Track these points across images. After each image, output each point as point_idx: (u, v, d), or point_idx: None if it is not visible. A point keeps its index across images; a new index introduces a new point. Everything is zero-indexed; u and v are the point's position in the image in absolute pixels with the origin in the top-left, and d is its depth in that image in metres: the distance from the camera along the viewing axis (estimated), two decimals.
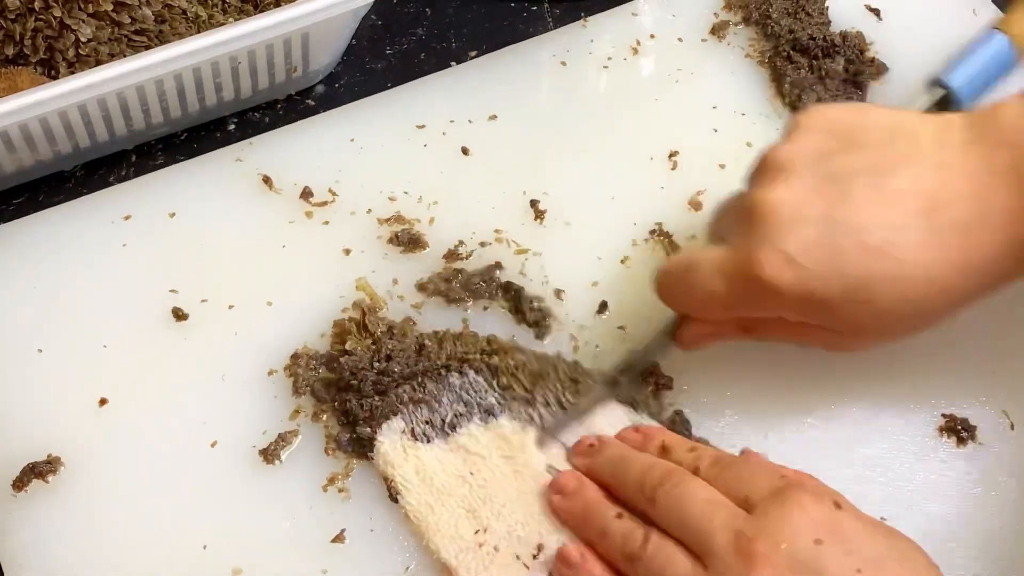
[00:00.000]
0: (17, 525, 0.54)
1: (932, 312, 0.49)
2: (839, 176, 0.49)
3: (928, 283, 0.47)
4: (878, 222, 0.47)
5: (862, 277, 0.47)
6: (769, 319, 0.52)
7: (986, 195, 0.47)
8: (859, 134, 0.50)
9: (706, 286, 0.51)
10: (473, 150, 0.67)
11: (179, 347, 0.59)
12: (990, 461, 0.56)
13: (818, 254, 0.47)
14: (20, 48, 0.64)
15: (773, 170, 0.50)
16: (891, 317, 0.49)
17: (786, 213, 0.48)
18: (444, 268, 0.62)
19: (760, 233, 0.49)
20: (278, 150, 0.67)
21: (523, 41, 0.73)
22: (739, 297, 0.50)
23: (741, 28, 0.73)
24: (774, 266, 0.48)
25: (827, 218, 0.48)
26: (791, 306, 0.49)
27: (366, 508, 0.54)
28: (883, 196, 0.48)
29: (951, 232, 0.47)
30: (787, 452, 0.56)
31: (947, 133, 0.49)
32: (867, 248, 0.47)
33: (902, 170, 0.48)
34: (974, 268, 0.48)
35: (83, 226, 0.63)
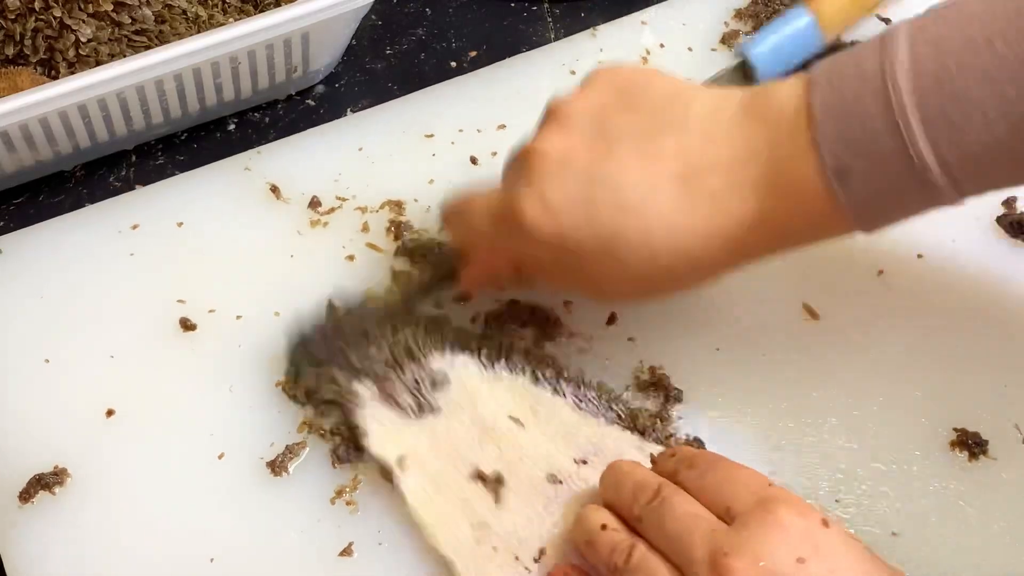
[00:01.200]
0: (23, 537, 0.54)
1: (679, 275, 0.50)
2: (610, 133, 0.50)
3: (674, 246, 0.48)
4: (634, 181, 0.48)
5: (611, 231, 0.48)
6: (535, 264, 0.54)
7: (740, 168, 0.48)
8: (640, 97, 0.51)
9: (477, 223, 0.54)
10: (482, 159, 0.67)
11: (186, 358, 0.59)
12: (1002, 476, 0.56)
13: (574, 204, 0.49)
14: (20, 48, 0.64)
15: (554, 120, 0.52)
16: (637, 274, 0.50)
17: (553, 162, 0.50)
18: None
19: (526, 178, 0.50)
20: (286, 159, 0.66)
21: (530, 49, 0.73)
22: (502, 237, 0.52)
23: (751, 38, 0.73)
24: (532, 211, 0.49)
25: (589, 172, 0.49)
26: (546, 251, 0.50)
27: (374, 521, 0.54)
28: (644, 157, 0.49)
29: (702, 199, 0.48)
30: (798, 466, 0.56)
31: (721, 105, 0.50)
32: (619, 205, 0.48)
33: (668, 135, 0.49)
34: (719, 236, 0.48)
35: (90, 235, 0.63)
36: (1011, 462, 0.56)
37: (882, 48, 0.46)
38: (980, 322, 0.60)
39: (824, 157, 0.46)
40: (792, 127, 0.47)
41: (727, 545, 0.44)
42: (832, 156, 0.46)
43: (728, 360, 0.59)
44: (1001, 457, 0.56)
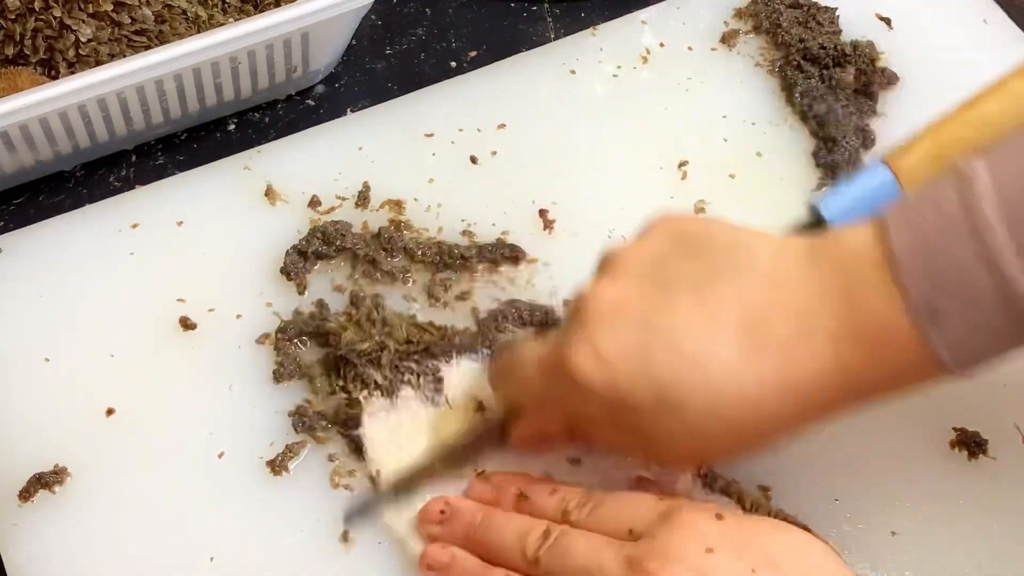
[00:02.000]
0: (23, 536, 0.54)
1: (746, 432, 0.46)
2: (667, 281, 0.47)
3: (739, 399, 0.45)
4: (694, 330, 0.45)
5: (671, 384, 0.45)
6: (590, 423, 0.50)
7: (811, 316, 0.44)
8: (700, 243, 0.48)
9: (526, 377, 0.51)
10: (482, 159, 0.67)
11: (186, 357, 0.59)
12: (1001, 475, 0.56)
13: (629, 355, 0.46)
14: (20, 48, 0.64)
15: (609, 267, 0.49)
16: (701, 431, 0.46)
17: (606, 310, 0.47)
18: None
19: (578, 327, 0.47)
20: (286, 158, 0.66)
21: (530, 49, 0.73)
22: (553, 391, 0.49)
23: (751, 37, 0.73)
24: (584, 362, 0.46)
25: (645, 320, 0.46)
26: (601, 407, 0.47)
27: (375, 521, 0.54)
28: (704, 306, 0.45)
29: (769, 349, 0.44)
30: (795, 468, 0.56)
31: (786, 251, 0.47)
32: (679, 355, 0.45)
33: (729, 282, 0.46)
34: (790, 389, 0.45)
35: (90, 235, 0.63)
36: (1011, 462, 0.56)
37: (960, 183, 0.43)
38: None
39: (911, 296, 0.42)
40: (868, 269, 0.44)
41: (641, 555, 0.45)
42: (919, 295, 0.42)
43: None
44: (1001, 456, 0.56)
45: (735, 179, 0.66)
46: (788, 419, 0.46)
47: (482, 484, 0.53)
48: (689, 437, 0.46)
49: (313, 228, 0.63)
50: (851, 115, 0.68)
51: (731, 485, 0.54)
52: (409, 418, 0.56)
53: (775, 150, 0.68)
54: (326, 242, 0.62)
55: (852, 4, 0.73)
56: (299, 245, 0.62)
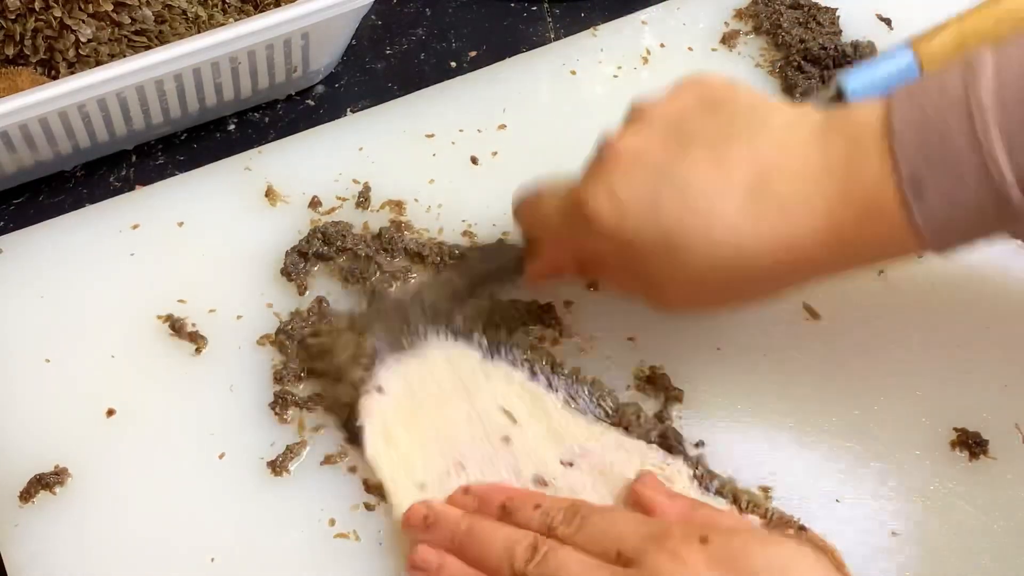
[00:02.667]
0: (24, 536, 0.54)
1: (739, 283, 0.50)
2: (686, 135, 0.50)
3: (736, 250, 0.48)
4: (702, 182, 0.48)
5: (674, 230, 0.48)
6: (600, 262, 0.53)
7: (813, 179, 0.48)
8: (721, 104, 0.51)
9: (545, 211, 0.55)
10: (482, 159, 0.67)
11: (187, 357, 0.59)
12: (1002, 475, 0.56)
13: (640, 200, 0.49)
14: (20, 48, 0.64)
15: (634, 119, 0.52)
16: (699, 278, 0.49)
17: (626, 157, 0.50)
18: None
19: (598, 169, 0.51)
20: (286, 159, 0.66)
21: (530, 49, 0.73)
22: (568, 229, 0.53)
23: (752, 38, 0.73)
24: (598, 201, 0.50)
25: (660, 169, 0.49)
26: (609, 246, 0.50)
27: (375, 520, 0.54)
28: (716, 161, 0.49)
29: (770, 207, 0.48)
30: (798, 467, 0.56)
31: (800, 119, 0.50)
32: (685, 204, 0.48)
33: (743, 142, 0.49)
34: (785, 247, 0.48)
35: (91, 235, 0.63)
36: (1011, 462, 0.56)
37: (966, 69, 0.46)
38: (980, 322, 0.60)
39: (900, 168, 0.46)
40: (870, 140, 0.47)
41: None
42: (909, 167, 0.46)
43: (729, 360, 0.59)
44: (1001, 457, 0.56)
45: None
46: (780, 275, 0.49)
47: (464, 496, 0.53)
48: (687, 283, 0.50)
49: (314, 229, 0.63)
50: None
51: (726, 485, 0.54)
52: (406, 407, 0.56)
53: None
54: (327, 243, 0.62)
55: (852, 5, 0.73)
56: (299, 246, 0.62)
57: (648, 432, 0.56)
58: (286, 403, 0.57)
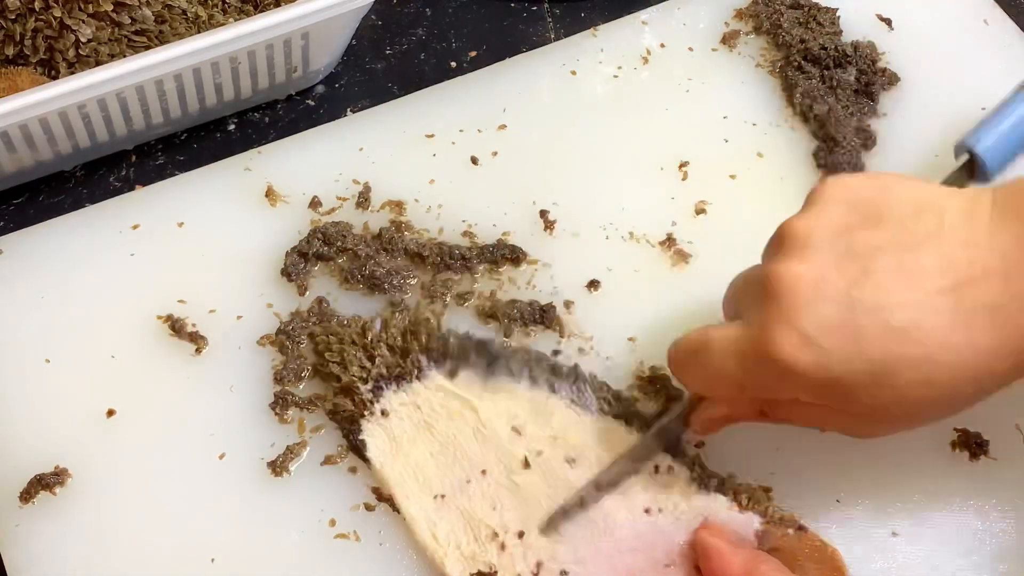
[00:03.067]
0: (24, 537, 0.54)
1: (960, 397, 0.46)
2: (861, 253, 0.46)
3: (955, 367, 0.45)
4: (901, 302, 0.45)
5: (885, 360, 0.44)
6: (787, 402, 0.49)
7: (1016, 274, 0.44)
8: (882, 208, 0.47)
9: (720, 366, 0.49)
10: (482, 160, 0.67)
11: (187, 358, 0.59)
12: (1003, 476, 0.56)
13: (838, 335, 0.45)
14: (20, 48, 0.64)
15: (791, 244, 0.48)
16: (916, 402, 0.46)
17: (804, 290, 0.46)
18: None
19: (776, 311, 0.46)
20: (287, 159, 0.66)
21: (530, 49, 0.73)
22: (754, 378, 0.48)
23: (752, 37, 0.73)
24: (791, 347, 0.45)
25: (847, 296, 0.45)
26: (809, 389, 0.46)
27: (376, 521, 0.54)
28: (907, 274, 0.45)
29: (980, 313, 0.44)
30: (800, 469, 0.56)
31: (975, 208, 0.46)
32: (890, 329, 0.44)
33: (927, 247, 0.45)
34: (1005, 351, 0.45)
35: (91, 235, 0.63)
36: (1012, 462, 0.56)
37: None
38: None
39: None
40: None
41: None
42: None
43: None
44: (1002, 457, 0.56)
45: (736, 180, 0.66)
46: (1002, 377, 0.46)
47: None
48: (901, 407, 0.46)
49: (314, 229, 0.63)
50: (852, 115, 0.68)
51: (725, 483, 0.54)
52: (408, 420, 0.56)
53: (776, 151, 0.68)
54: (327, 243, 0.62)
55: (853, 5, 0.73)
56: (300, 246, 0.62)
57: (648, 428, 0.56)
58: (286, 403, 0.57)
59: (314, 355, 0.59)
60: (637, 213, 0.65)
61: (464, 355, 0.58)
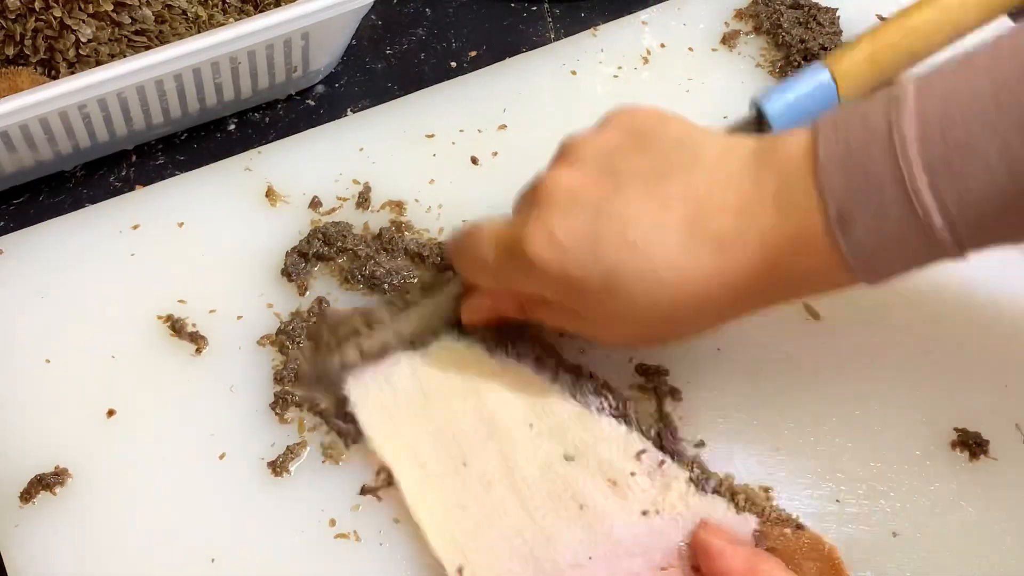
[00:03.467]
0: (24, 537, 0.54)
1: (681, 317, 0.50)
2: (620, 172, 0.50)
3: (677, 286, 0.48)
4: (641, 219, 0.48)
5: (615, 267, 0.48)
6: (540, 302, 0.53)
7: (748, 214, 0.48)
8: (651, 138, 0.51)
9: (481, 254, 0.54)
10: (482, 160, 0.67)
11: (187, 358, 0.59)
12: (1002, 475, 0.56)
13: (580, 239, 0.49)
14: (20, 48, 0.64)
15: (565, 156, 0.52)
16: (641, 313, 0.49)
17: (562, 196, 0.50)
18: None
19: (535, 211, 0.50)
20: (286, 159, 0.66)
21: (530, 49, 0.73)
22: (505, 269, 0.52)
23: (752, 37, 0.73)
24: (537, 243, 0.49)
25: (597, 207, 0.49)
26: (550, 285, 0.50)
27: (375, 521, 0.54)
28: (653, 197, 0.49)
29: (708, 242, 0.48)
30: (796, 467, 0.56)
31: (731, 151, 0.50)
32: (625, 241, 0.48)
33: (676, 177, 0.49)
34: (724, 281, 0.48)
35: (91, 236, 0.63)
36: (1012, 462, 0.56)
37: (889, 100, 0.45)
38: (980, 322, 0.60)
39: (827, 203, 0.46)
40: (798, 175, 0.47)
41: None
42: (835, 203, 0.45)
43: (728, 360, 0.59)
44: (1001, 457, 0.56)
45: None
46: (720, 308, 0.50)
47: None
48: (630, 319, 0.50)
49: (314, 229, 0.63)
50: None
51: (722, 483, 0.54)
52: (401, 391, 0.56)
53: None
54: (327, 243, 0.62)
55: (853, 4, 0.73)
56: (300, 246, 0.62)
57: (648, 428, 0.56)
58: (286, 403, 0.57)
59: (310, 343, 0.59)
60: None
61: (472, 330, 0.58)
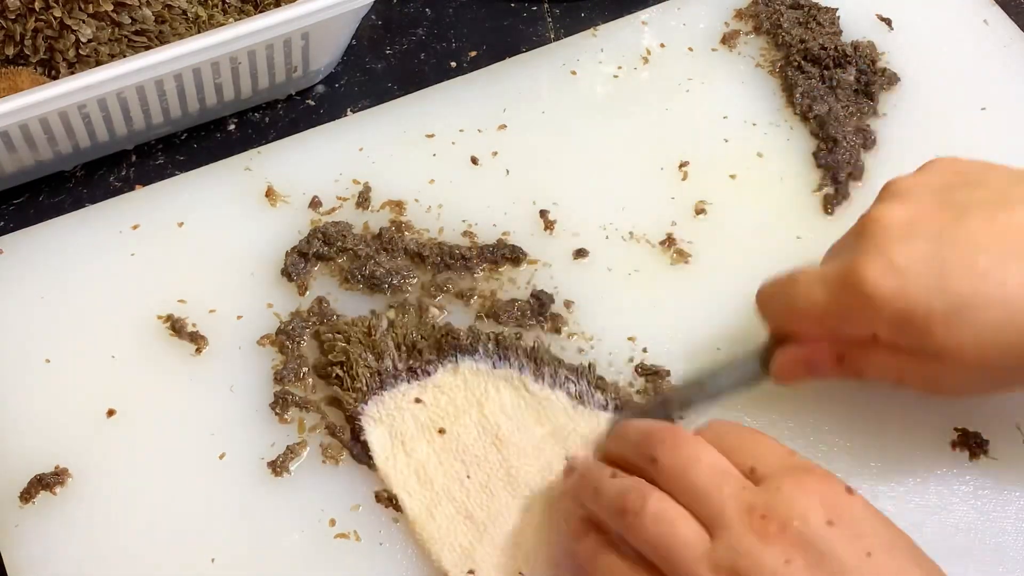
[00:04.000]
0: (24, 537, 0.54)
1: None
2: (958, 204, 0.49)
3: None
4: (988, 246, 0.47)
5: (965, 295, 0.46)
6: (865, 348, 0.50)
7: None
8: (982, 177, 0.50)
9: (805, 295, 0.51)
10: (482, 160, 0.67)
11: (187, 358, 0.59)
12: (1002, 475, 0.56)
13: (923, 267, 0.47)
14: (20, 48, 0.64)
15: (892, 194, 0.51)
16: (992, 344, 0.47)
17: (898, 227, 0.48)
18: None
19: (869, 244, 0.49)
20: (287, 159, 0.66)
21: (530, 49, 0.73)
22: (836, 307, 0.49)
23: (752, 37, 0.73)
24: (876, 273, 0.47)
25: (939, 234, 0.48)
26: (888, 321, 0.48)
27: (375, 521, 0.54)
28: (997, 225, 0.48)
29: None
30: None
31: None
32: (974, 268, 0.47)
33: (1016, 207, 0.48)
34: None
35: (91, 235, 0.63)
36: (1012, 462, 0.56)
37: None
38: None
39: None
40: None
41: (761, 505, 0.44)
42: None
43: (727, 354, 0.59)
44: (1002, 457, 0.56)
45: (736, 179, 0.66)
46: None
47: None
48: (977, 348, 0.47)
49: (314, 229, 0.63)
50: (851, 115, 0.68)
51: None
52: (412, 417, 0.56)
53: (776, 150, 0.68)
54: (327, 243, 0.62)
55: (852, 5, 0.73)
56: (300, 246, 0.62)
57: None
58: (286, 403, 0.57)
59: (319, 353, 0.59)
60: (637, 213, 0.65)
61: (472, 347, 0.58)
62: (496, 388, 0.57)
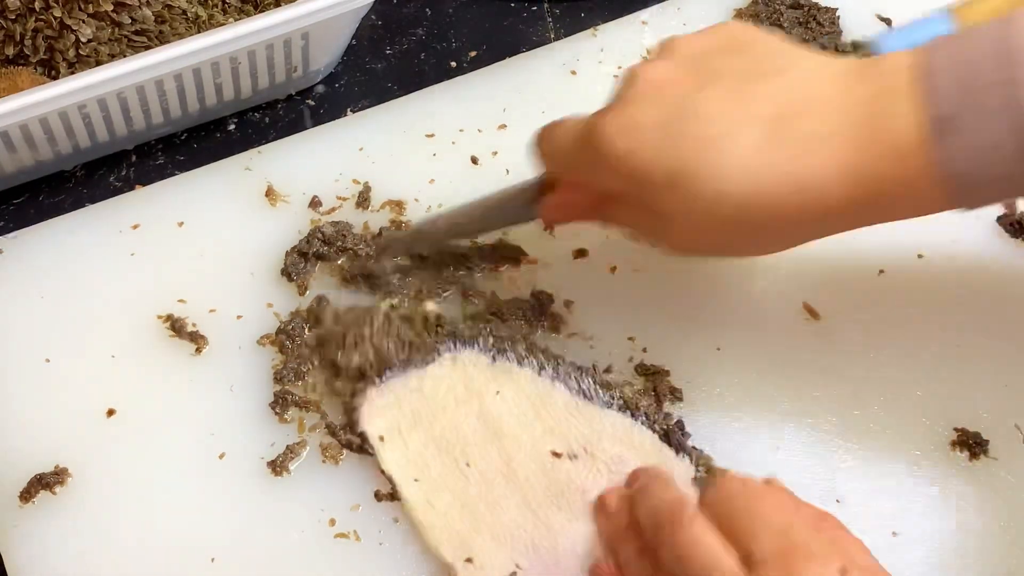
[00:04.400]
0: (24, 537, 0.54)
1: (748, 223, 0.47)
2: (709, 70, 0.49)
3: (747, 186, 0.46)
4: (721, 116, 0.47)
5: (685, 160, 0.47)
6: (612, 198, 0.52)
7: (836, 118, 0.46)
8: (751, 43, 0.50)
9: (561, 142, 0.53)
10: (482, 159, 0.67)
11: (187, 357, 0.59)
12: (1002, 475, 0.56)
13: (655, 131, 0.48)
14: (20, 48, 0.64)
15: (663, 52, 0.51)
16: (705, 212, 0.47)
17: (646, 88, 0.49)
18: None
19: (616, 101, 0.50)
20: (287, 159, 0.66)
21: (530, 49, 0.73)
22: (579, 156, 0.51)
23: None
24: (611, 130, 0.48)
25: (679, 100, 0.48)
26: (619, 177, 0.49)
27: (375, 521, 0.54)
28: (738, 95, 0.48)
29: (788, 144, 0.46)
30: (798, 467, 0.56)
31: (830, 64, 0.49)
32: (702, 136, 0.47)
33: (768, 79, 0.48)
34: (800, 187, 0.46)
35: (91, 235, 0.63)
36: (1011, 462, 0.56)
37: (1005, 21, 0.45)
38: (980, 322, 0.60)
39: (930, 107, 0.44)
40: (899, 83, 0.46)
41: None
42: (939, 106, 0.44)
43: (728, 360, 0.59)
44: (1001, 457, 0.56)
45: None
46: (792, 219, 0.47)
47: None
48: (696, 218, 0.48)
49: (314, 229, 0.63)
50: None
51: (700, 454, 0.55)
52: (410, 410, 0.56)
53: None
54: (327, 243, 0.62)
55: (853, 5, 0.73)
56: (300, 246, 0.62)
57: (653, 423, 0.56)
58: (286, 403, 0.57)
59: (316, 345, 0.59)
60: None
61: (472, 339, 0.58)
62: (496, 380, 0.57)
